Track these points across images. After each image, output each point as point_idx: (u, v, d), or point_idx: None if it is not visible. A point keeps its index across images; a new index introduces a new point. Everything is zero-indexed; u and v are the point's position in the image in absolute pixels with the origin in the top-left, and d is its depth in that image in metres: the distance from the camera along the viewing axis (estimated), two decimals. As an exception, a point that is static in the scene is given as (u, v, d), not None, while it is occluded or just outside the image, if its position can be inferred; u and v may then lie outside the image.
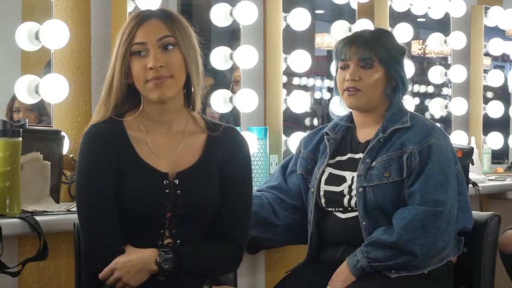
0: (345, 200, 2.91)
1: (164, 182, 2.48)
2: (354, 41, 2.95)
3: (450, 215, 2.85)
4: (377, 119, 2.97)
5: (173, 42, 2.47)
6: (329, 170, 2.96)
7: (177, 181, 2.49)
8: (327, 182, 2.95)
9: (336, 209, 2.93)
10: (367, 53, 2.92)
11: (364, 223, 2.86)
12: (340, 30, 4.34)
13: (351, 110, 3.04)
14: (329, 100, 4.43)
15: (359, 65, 2.93)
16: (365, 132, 2.98)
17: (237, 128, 3.70)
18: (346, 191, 2.91)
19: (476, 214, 3.08)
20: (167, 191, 2.48)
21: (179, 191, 2.48)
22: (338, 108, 3.11)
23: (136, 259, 2.42)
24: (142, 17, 2.49)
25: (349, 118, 3.04)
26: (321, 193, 2.95)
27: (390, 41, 2.99)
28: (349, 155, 2.97)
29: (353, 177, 2.91)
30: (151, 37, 2.46)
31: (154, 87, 2.46)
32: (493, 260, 3.05)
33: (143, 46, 2.46)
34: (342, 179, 2.93)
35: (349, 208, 2.91)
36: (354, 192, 2.89)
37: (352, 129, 3.02)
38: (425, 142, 2.88)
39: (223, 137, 2.57)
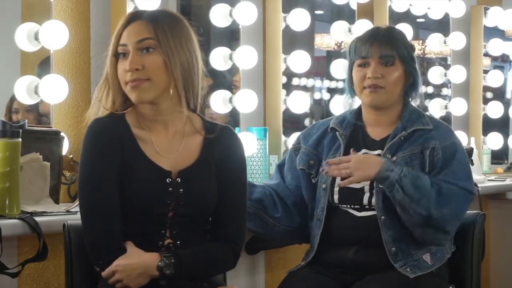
0: (365, 197, 2.90)
1: (167, 180, 2.49)
2: (375, 38, 2.95)
3: (468, 207, 2.94)
4: (392, 118, 2.98)
5: (153, 45, 2.46)
6: None
7: (179, 180, 2.50)
8: (344, 178, 2.94)
9: (351, 206, 2.92)
10: (389, 51, 2.93)
11: (382, 217, 2.85)
12: (339, 30, 4.34)
13: (359, 106, 3.03)
14: (329, 100, 4.43)
15: (380, 62, 2.93)
16: (379, 131, 2.98)
17: (236, 128, 3.75)
18: (367, 188, 2.90)
19: None
20: (170, 189, 2.49)
21: (181, 190, 2.49)
22: (342, 108, 3.12)
23: (137, 264, 2.43)
24: (129, 18, 2.49)
25: (357, 115, 3.03)
26: (336, 189, 2.93)
27: (405, 39, 3.02)
28: (364, 151, 2.96)
29: None
30: (131, 39, 2.46)
31: (131, 89, 2.46)
32: (480, 258, 3.09)
33: (125, 48, 2.47)
34: None
35: (367, 206, 2.90)
36: (375, 189, 2.88)
37: (362, 127, 3.01)
38: (448, 139, 2.93)
39: (219, 137, 2.58)
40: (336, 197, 2.93)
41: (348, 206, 2.92)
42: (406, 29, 4.66)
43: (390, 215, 2.86)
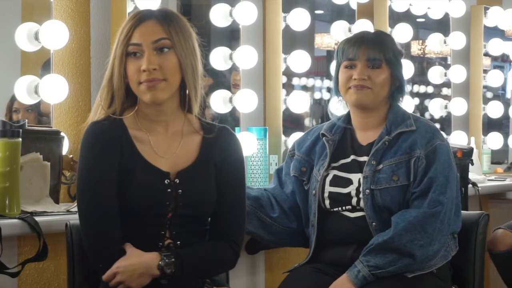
0: (353, 201, 2.91)
1: (166, 181, 2.49)
2: (362, 41, 2.96)
3: (446, 216, 2.87)
4: (378, 122, 2.98)
5: (168, 45, 2.46)
6: (333, 172, 2.96)
7: (177, 180, 2.49)
8: (332, 184, 2.94)
9: (343, 207, 2.92)
10: (377, 54, 2.94)
11: (373, 223, 2.86)
12: (339, 30, 4.35)
13: (348, 110, 3.04)
14: (328, 100, 4.42)
15: (367, 65, 2.93)
16: (367, 135, 2.98)
17: (236, 128, 3.75)
18: (353, 193, 2.91)
19: (466, 213, 3.11)
20: (169, 190, 2.48)
21: (180, 191, 2.49)
22: (337, 108, 3.12)
23: (138, 264, 2.42)
24: (139, 18, 2.48)
25: (347, 119, 3.04)
26: (326, 195, 2.94)
27: (393, 43, 3.02)
28: (352, 157, 2.97)
29: (359, 179, 2.91)
30: (147, 38, 2.45)
31: (146, 89, 2.45)
32: (483, 259, 3.09)
33: (138, 48, 2.46)
34: (349, 181, 2.93)
35: (358, 207, 2.91)
36: (361, 195, 2.89)
37: (351, 131, 3.02)
38: (430, 144, 2.91)
39: (217, 138, 2.58)
40: (327, 202, 2.95)
41: (341, 208, 2.93)
42: (406, 29, 4.67)
43: (381, 220, 2.86)
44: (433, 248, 2.83)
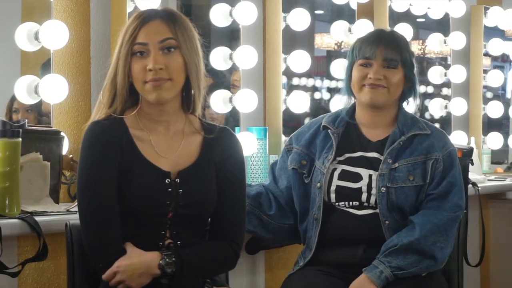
0: (363, 196, 2.91)
1: (166, 181, 2.49)
2: (380, 40, 2.97)
3: (460, 220, 2.94)
4: (387, 121, 2.99)
5: (174, 45, 2.47)
6: (341, 166, 2.96)
7: (178, 180, 2.50)
8: (341, 178, 2.94)
9: (350, 203, 2.92)
10: (393, 54, 2.96)
11: (387, 222, 2.87)
12: (339, 30, 4.34)
13: (352, 104, 3.04)
14: (329, 100, 4.43)
15: (383, 65, 2.95)
16: (375, 132, 2.99)
17: (236, 128, 3.75)
18: (364, 189, 2.91)
19: None
20: (169, 190, 2.49)
21: (181, 190, 2.49)
22: (340, 107, 3.12)
23: (138, 263, 2.43)
24: (145, 17, 2.48)
25: (350, 113, 3.04)
26: (332, 188, 2.94)
27: (407, 43, 3.06)
28: (360, 153, 2.97)
29: (370, 175, 2.91)
30: (153, 38, 2.46)
31: (152, 88, 2.46)
32: (462, 255, 3.15)
33: (144, 47, 2.46)
34: (358, 176, 2.93)
35: (365, 204, 2.90)
36: (374, 191, 2.90)
37: (355, 126, 3.02)
38: (445, 149, 2.96)
39: (218, 138, 2.58)
40: (332, 196, 2.94)
41: (346, 204, 2.93)
42: (406, 29, 4.67)
43: (395, 219, 2.87)
44: (448, 250, 2.89)
